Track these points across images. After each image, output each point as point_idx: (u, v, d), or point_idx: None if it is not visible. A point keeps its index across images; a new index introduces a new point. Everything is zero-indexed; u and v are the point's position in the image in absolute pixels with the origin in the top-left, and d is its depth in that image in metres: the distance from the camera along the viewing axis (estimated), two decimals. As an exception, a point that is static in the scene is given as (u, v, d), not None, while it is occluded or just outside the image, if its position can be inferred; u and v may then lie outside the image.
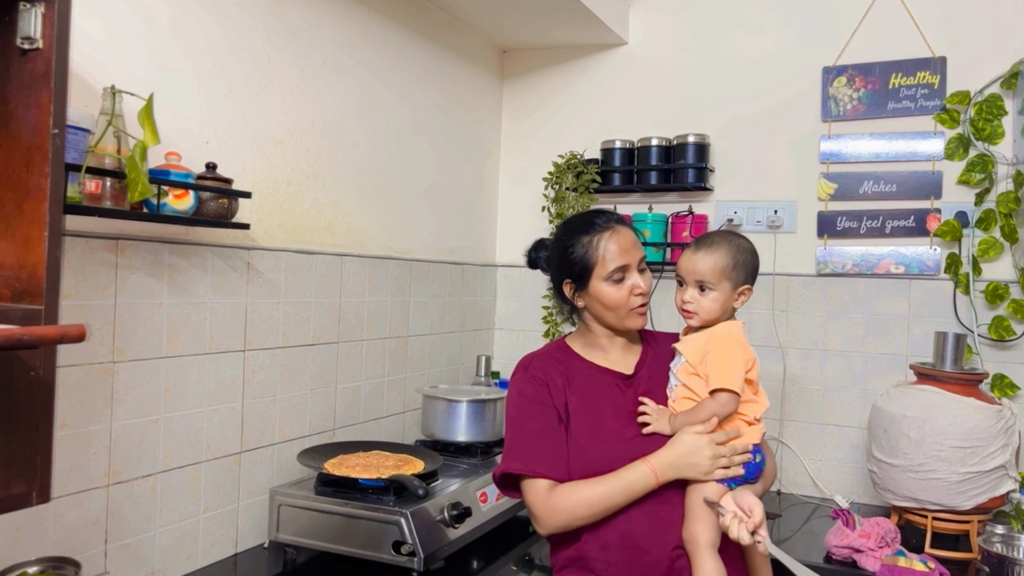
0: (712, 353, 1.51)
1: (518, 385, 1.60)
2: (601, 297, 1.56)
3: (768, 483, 1.61)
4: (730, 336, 1.53)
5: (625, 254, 1.56)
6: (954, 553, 2.12)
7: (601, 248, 1.56)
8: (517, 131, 3.21)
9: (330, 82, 2.25)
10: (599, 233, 1.57)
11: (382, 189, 2.50)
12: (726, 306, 1.55)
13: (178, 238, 1.78)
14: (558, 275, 1.64)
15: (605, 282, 1.55)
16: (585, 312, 1.63)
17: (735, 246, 1.56)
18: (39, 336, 0.97)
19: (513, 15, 2.80)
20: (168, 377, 1.77)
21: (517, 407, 1.58)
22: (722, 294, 1.54)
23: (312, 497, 1.91)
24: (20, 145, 1.06)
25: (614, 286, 1.56)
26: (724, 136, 2.85)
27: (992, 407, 2.11)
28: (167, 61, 1.75)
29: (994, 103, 2.47)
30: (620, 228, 1.59)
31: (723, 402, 1.48)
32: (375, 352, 2.48)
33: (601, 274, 1.56)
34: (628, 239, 1.58)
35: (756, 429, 1.53)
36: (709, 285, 1.54)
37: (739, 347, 1.52)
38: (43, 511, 1.51)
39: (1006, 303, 2.44)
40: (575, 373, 1.60)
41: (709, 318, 1.55)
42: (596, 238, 1.57)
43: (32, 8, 1.04)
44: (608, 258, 1.55)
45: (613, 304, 1.56)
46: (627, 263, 1.56)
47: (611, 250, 1.56)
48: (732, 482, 1.47)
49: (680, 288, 1.60)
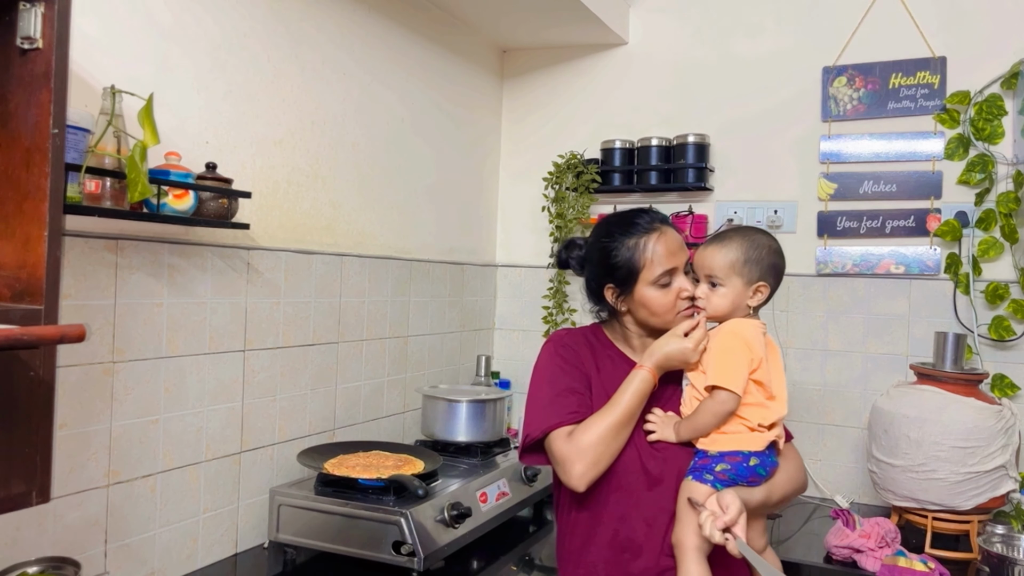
0: (712, 350, 1.47)
1: (549, 353, 1.57)
2: (647, 302, 1.51)
3: (786, 492, 1.54)
4: (734, 333, 1.48)
5: (672, 257, 1.50)
6: (954, 553, 2.12)
7: (648, 251, 1.50)
8: (517, 131, 3.21)
9: (330, 82, 2.25)
10: (645, 235, 1.51)
11: (382, 189, 2.50)
12: (737, 303, 1.50)
13: (178, 238, 1.78)
14: (599, 278, 1.57)
15: (652, 286, 1.50)
16: (627, 317, 1.58)
17: (749, 241, 1.51)
18: (39, 336, 0.96)
19: (513, 15, 2.80)
20: (168, 377, 1.77)
21: (546, 371, 1.55)
22: (732, 290, 1.49)
23: (312, 497, 1.91)
24: (20, 145, 1.06)
25: (661, 291, 1.50)
26: (724, 136, 2.85)
27: (992, 407, 2.11)
28: (167, 61, 1.75)
29: (994, 103, 2.47)
30: (666, 229, 1.53)
31: (721, 400, 1.44)
32: (375, 352, 2.48)
33: (648, 278, 1.50)
34: (675, 241, 1.53)
35: (759, 436, 1.47)
36: (718, 280, 1.49)
37: (742, 345, 1.46)
38: (43, 511, 1.51)
39: (1006, 303, 2.44)
40: (603, 358, 1.58)
41: (718, 314, 1.50)
42: (643, 240, 1.51)
43: (32, 8, 1.04)
44: (656, 261, 1.49)
45: (660, 309, 1.51)
46: (675, 266, 1.50)
47: (659, 253, 1.49)
48: (719, 482, 1.43)
49: (695, 285, 1.56)
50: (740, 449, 1.45)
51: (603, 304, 1.60)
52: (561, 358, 1.56)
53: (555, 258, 1.72)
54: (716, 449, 1.46)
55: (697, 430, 1.47)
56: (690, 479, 1.45)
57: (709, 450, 1.47)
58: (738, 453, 1.45)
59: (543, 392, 1.54)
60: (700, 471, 1.45)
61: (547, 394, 1.52)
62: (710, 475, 1.44)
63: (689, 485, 1.44)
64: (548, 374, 1.55)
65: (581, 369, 1.55)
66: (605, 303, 1.59)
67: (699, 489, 1.43)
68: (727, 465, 1.44)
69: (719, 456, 1.45)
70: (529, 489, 2.26)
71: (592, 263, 1.58)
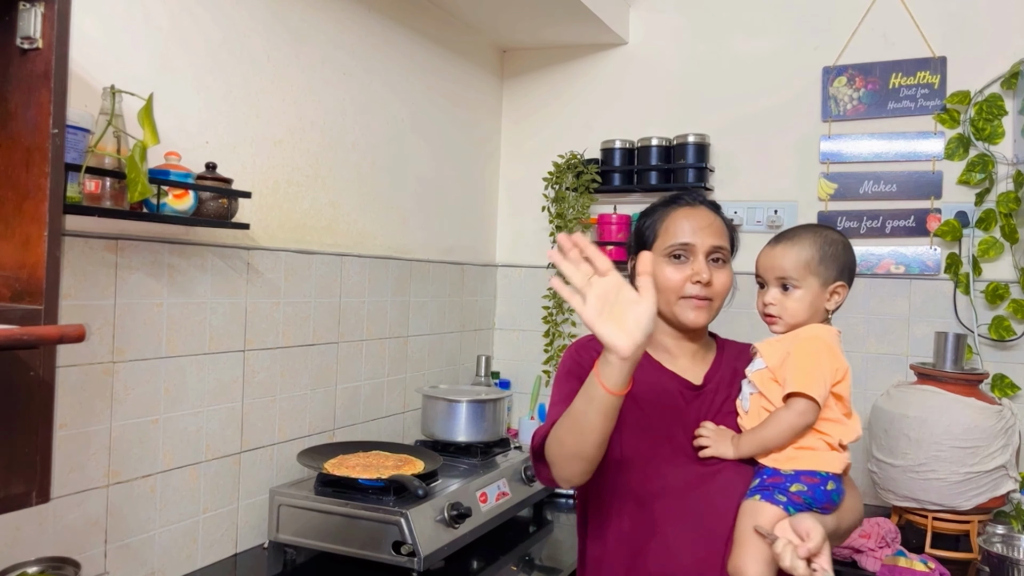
0: (794, 354, 1.30)
1: (568, 359, 1.43)
2: (656, 275, 1.26)
3: (851, 524, 1.36)
4: (818, 338, 1.32)
5: (694, 233, 1.35)
6: (954, 553, 2.12)
7: (669, 219, 1.38)
8: (517, 131, 3.21)
9: (330, 82, 2.25)
10: (676, 208, 1.40)
11: (382, 189, 2.50)
12: (815, 307, 1.34)
13: (178, 238, 1.77)
14: (629, 251, 1.46)
15: (663, 257, 1.36)
16: None
17: (822, 237, 1.36)
18: (39, 336, 0.96)
19: (513, 15, 2.80)
20: (168, 377, 1.77)
21: (556, 380, 1.42)
22: (809, 292, 1.33)
23: (312, 497, 1.90)
24: (20, 145, 1.06)
25: (671, 264, 1.36)
26: (724, 136, 2.84)
27: (992, 407, 2.11)
28: (167, 61, 1.75)
29: (994, 103, 2.47)
30: (700, 208, 1.40)
31: (800, 411, 1.26)
32: (375, 352, 2.48)
33: (660, 247, 1.36)
34: (706, 220, 1.37)
35: (837, 457, 1.30)
36: (793, 283, 1.34)
37: (827, 352, 1.31)
38: (43, 511, 1.51)
39: (1006, 303, 2.44)
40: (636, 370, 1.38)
41: (795, 321, 1.34)
42: (670, 212, 1.40)
43: (32, 8, 1.04)
44: (673, 232, 1.36)
45: (665, 284, 1.34)
46: (692, 243, 1.35)
47: (680, 225, 1.37)
48: (792, 506, 1.25)
49: (761, 291, 1.39)
50: (819, 469, 1.28)
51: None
52: (567, 367, 1.42)
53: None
54: (792, 467, 1.28)
55: (766, 444, 1.29)
56: (757, 499, 1.27)
57: (782, 468, 1.29)
58: (816, 474, 1.27)
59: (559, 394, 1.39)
60: (771, 491, 1.27)
61: (551, 403, 1.41)
62: (783, 495, 1.26)
63: (755, 506, 1.26)
64: (556, 383, 1.43)
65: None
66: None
67: (767, 511, 1.25)
68: (803, 487, 1.26)
69: (795, 475, 1.27)
70: (529, 489, 2.26)
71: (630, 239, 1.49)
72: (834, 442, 1.30)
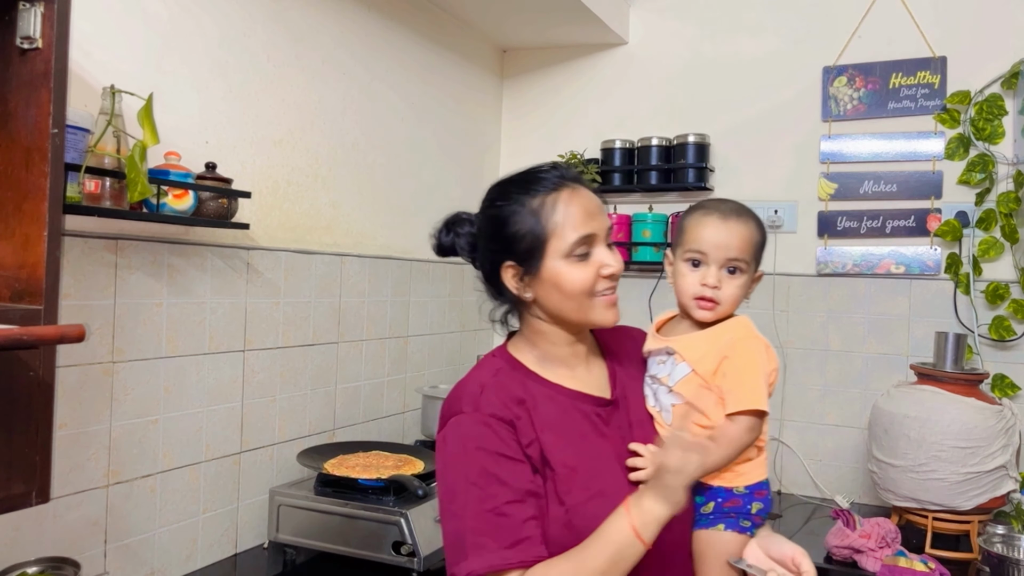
0: (734, 359, 1.14)
1: (471, 433, 1.10)
2: (560, 281, 1.13)
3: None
4: (754, 338, 1.18)
5: (591, 220, 1.15)
6: (954, 553, 2.11)
7: (559, 213, 1.13)
8: (517, 131, 3.21)
9: (330, 82, 2.25)
10: (552, 192, 1.15)
11: (382, 189, 2.50)
12: (745, 294, 1.22)
13: (178, 238, 1.77)
14: (494, 256, 1.19)
15: (565, 260, 1.13)
16: (535, 307, 1.19)
17: (758, 219, 1.24)
18: (39, 336, 0.96)
19: (513, 14, 2.80)
20: (168, 377, 1.77)
21: (475, 469, 1.07)
22: (748, 278, 1.21)
23: (312, 497, 1.90)
24: (20, 145, 1.06)
25: (577, 264, 1.13)
26: (724, 136, 2.84)
27: (992, 407, 2.10)
28: (167, 61, 1.75)
29: (994, 103, 2.46)
30: (578, 187, 1.17)
31: (750, 427, 1.12)
32: (375, 352, 2.47)
33: (559, 249, 1.13)
34: (593, 201, 1.17)
35: (764, 461, 1.20)
36: (740, 266, 1.19)
37: (765, 352, 1.18)
38: (42, 511, 1.51)
39: (1006, 303, 2.44)
40: (540, 401, 1.15)
41: (730, 309, 1.21)
42: (549, 199, 1.14)
43: (32, 8, 1.04)
44: (569, 225, 1.13)
45: (576, 288, 1.13)
46: (593, 232, 1.15)
47: (573, 215, 1.13)
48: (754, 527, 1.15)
49: (694, 268, 1.21)
50: (763, 479, 1.17)
51: (503, 295, 1.21)
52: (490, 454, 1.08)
53: (434, 243, 1.29)
54: (743, 484, 1.16)
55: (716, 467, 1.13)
56: (721, 528, 1.14)
57: (735, 487, 1.15)
58: (763, 485, 1.17)
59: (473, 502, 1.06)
60: (734, 518, 1.14)
61: (482, 507, 1.06)
62: (747, 520, 1.14)
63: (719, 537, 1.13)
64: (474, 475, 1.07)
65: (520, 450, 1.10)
66: (505, 292, 1.20)
67: (734, 540, 1.13)
68: (760, 504, 1.15)
69: (749, 495, 1.15)
70: (529, 489, 2.26)
71: (485, 237, 1.20)
72: (762, 444, 1.19)
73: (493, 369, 1.19)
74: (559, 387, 1.18)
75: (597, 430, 1.17)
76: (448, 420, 1.14)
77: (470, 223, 1.25)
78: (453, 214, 1.28)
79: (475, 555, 1.03)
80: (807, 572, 1.09)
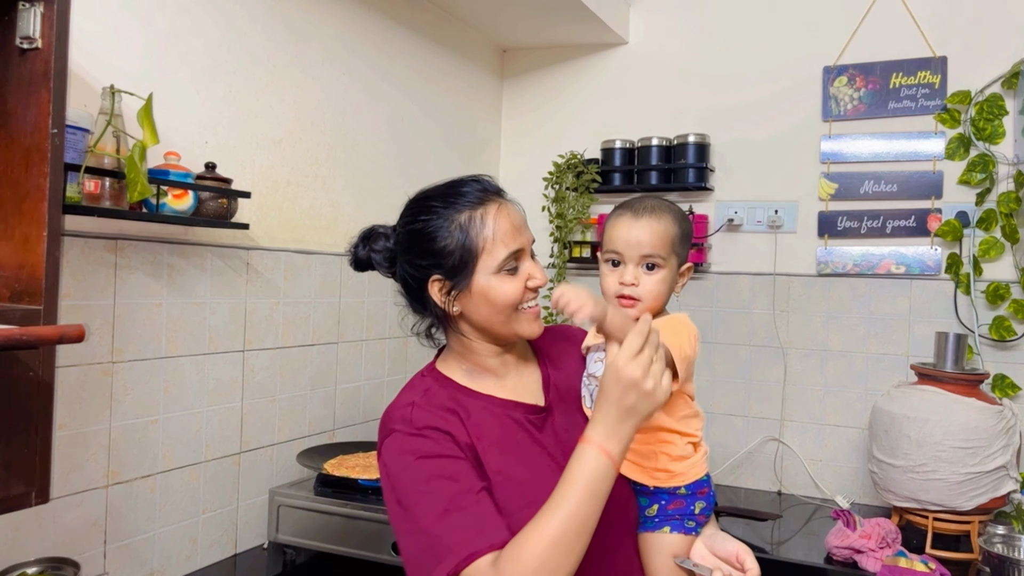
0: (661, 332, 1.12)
1: (408, 448, 1.10)
2: (491, 295, 1.15)
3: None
4: (683, 322, 1.19)
5: (518, 235, 1.18)
6: (955, 554, 2.11)
7: (488, 228, 1.15)
8: (517, 131, 3.21)
9: (330, 81, 2.25)
10: (479, 207, 1.17)
11: (382, 189, 2.50)
12: (671, 289, 1.24)
13: (177, 238, 1.77)
14: (420, 271, 1.19)
15: (495, 274, 1.15)
16: (461, 321, 1.20)
17: (678, 212, 1.25)
18: (38, 336, 0.96)
19: (513, 14, 2.80)
20: (167, 377, 1.76)
21: (422, 477, 1.07)
22: (670, 272, 1.22)
23: (312, 498, 1.90)
24: (19, 145, 1.06)
25: (506, 279, 1.16)
26: (724, 136, 2.84)
27: (993, 407, 2.10)
28: (166, 61, 1.75)
29: (995, 103, 2.46)
30: (503, 201, 1.20)
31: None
32: (375, 352, 2.47)
33: (489, 265, 1.15)
34: (517, 215, 1.20)
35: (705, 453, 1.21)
36: (657, 261, 1.21)
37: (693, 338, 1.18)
38: (42, 511, 1.51)
39: (1007, 303, 2.44)
40: (473, 412, 1.16)
41: (656, 305, 1.22)
42: (477, 214, 1.16)
43: (31, 8, 1.04)
44: (499, 241, 1.15)
45: (507, 301, 1.15)
46: (521, 247, 1.17)
47: (502, 230, 1.16)
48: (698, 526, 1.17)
49: (613, 269, 1.23)
50: (702, 476, 1.19)
51: (428, 309, 1.22)
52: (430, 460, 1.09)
53: (351, 257, 1.30)
54: (684, 483, 1.17)
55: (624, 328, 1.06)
56: (667, 531, 1.16)
57: (679, 487, 1.17)
58: (704, 482, 1.18)
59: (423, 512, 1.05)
60: (679, 520, 1.17)
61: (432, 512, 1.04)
62: (692, 521, 1.17)
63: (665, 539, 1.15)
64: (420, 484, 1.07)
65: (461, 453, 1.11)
66: (431, 306, 1.21)
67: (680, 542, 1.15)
68: (703, 502, 1.17)
69: (692, 495, 1.17)
70: (529, 489, 2.26)
71: (409, 252, 1.21)
72: (698, 440, 1.21)
73: (422, 389, 1.21)
74: (491, 397, 1.20)
75: (531, 437, 1.19)
76: (383, 443, 1.16)
77: (386, 237, 1.26)
78: (368, 228, 1.30)
79: (446, 555, 1.01)
80: (751, 570, 1.12)
